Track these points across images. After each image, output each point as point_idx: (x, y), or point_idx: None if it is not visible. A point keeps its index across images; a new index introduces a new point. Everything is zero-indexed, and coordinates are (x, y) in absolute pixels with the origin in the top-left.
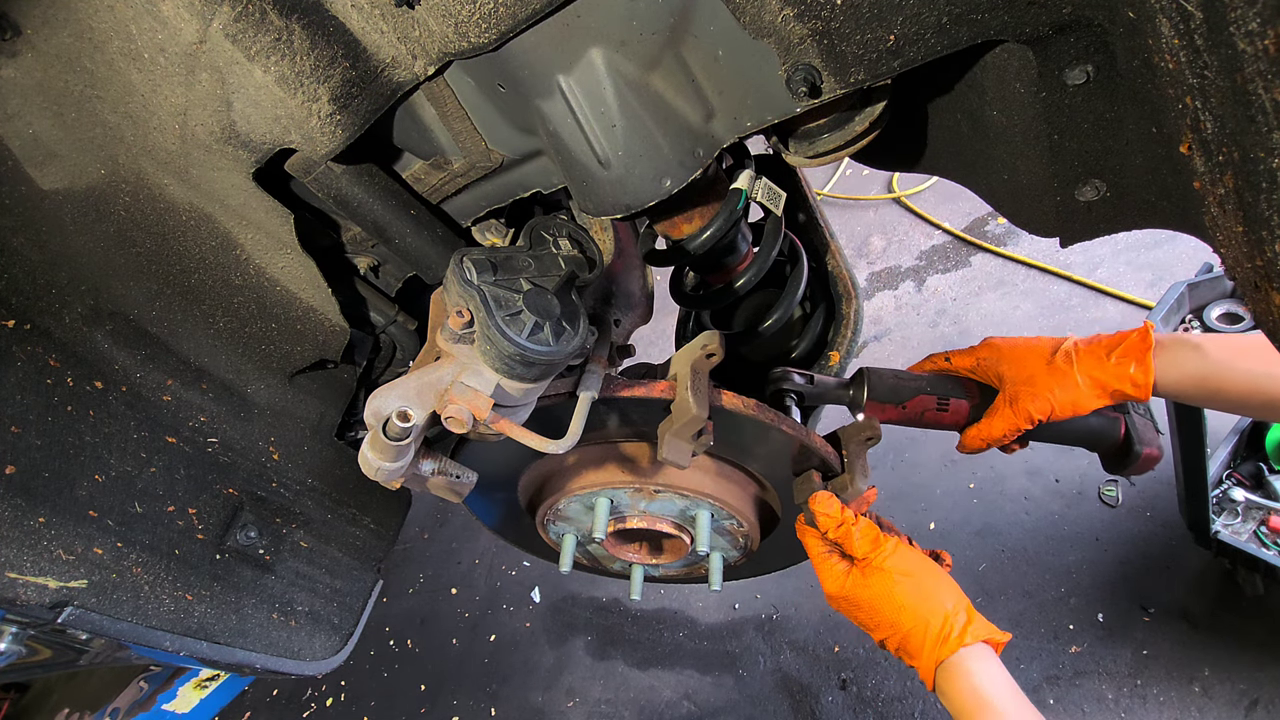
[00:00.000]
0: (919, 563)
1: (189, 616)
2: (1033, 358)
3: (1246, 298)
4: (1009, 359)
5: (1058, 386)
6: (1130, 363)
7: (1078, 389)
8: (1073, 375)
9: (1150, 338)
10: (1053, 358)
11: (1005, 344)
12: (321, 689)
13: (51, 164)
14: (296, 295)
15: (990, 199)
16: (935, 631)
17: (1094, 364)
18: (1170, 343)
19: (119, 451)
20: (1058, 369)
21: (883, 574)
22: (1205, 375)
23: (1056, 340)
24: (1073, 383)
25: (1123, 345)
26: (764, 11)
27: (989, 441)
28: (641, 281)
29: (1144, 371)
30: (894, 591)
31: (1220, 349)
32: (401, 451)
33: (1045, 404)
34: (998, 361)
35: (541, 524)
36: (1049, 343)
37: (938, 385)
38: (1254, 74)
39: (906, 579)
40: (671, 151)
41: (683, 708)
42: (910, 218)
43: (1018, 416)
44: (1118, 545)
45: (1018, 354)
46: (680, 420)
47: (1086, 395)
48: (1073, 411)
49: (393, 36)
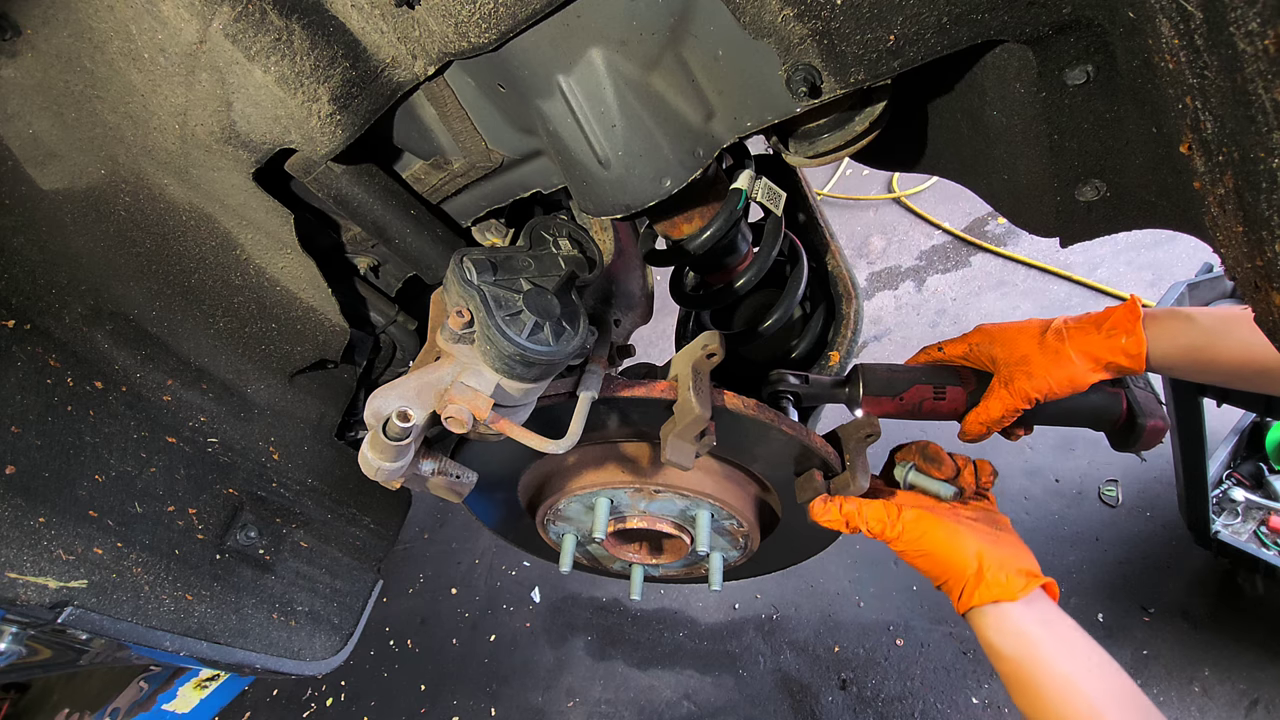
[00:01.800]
0: (930, 530)
1: (189, 616)
2: (1024, 338)
3: (1246, 298)
4: (1000, 342)
5: (1051, 364)
6: (1121, 334)
7: (1071, 364)
8: (1065, 351)
9: (1138, 309)
10: (1044, 336)
11: (996, 328)
12: (321, 689)
13: (51, 164)
14: (296, 295)
15: (990, 199)
16: (958, 590)
17: (1084, 338)
18: (1161, 314)
19: (119, 451)
20: (1049, 346)
21: (901, 546)
22: (1198, 345)
23: (1046, 321)
24: (1066, 358)
25: (1111, 318)
26: (764, 11)
27: (988, 424)
28: (641, 281)
29: (1136, 342)
30: (915, 562)
31: (1212, 318)
32: (401, 451)
33: (1041, 382)
34: (990, 345)
35: (541, 524)
36: (1039, 323)
37: (933, 375)
38: (1254, 74)
39: (921, 556)
40: (671, 151)
41: (683, 708)
42: (910, 218)
43: (1014, 396)
44: (1118, 545)
45: (1009, 336)
46: (683, 421)
47: (1081, 370)
48: (1070, 388)
49: (393, 36)
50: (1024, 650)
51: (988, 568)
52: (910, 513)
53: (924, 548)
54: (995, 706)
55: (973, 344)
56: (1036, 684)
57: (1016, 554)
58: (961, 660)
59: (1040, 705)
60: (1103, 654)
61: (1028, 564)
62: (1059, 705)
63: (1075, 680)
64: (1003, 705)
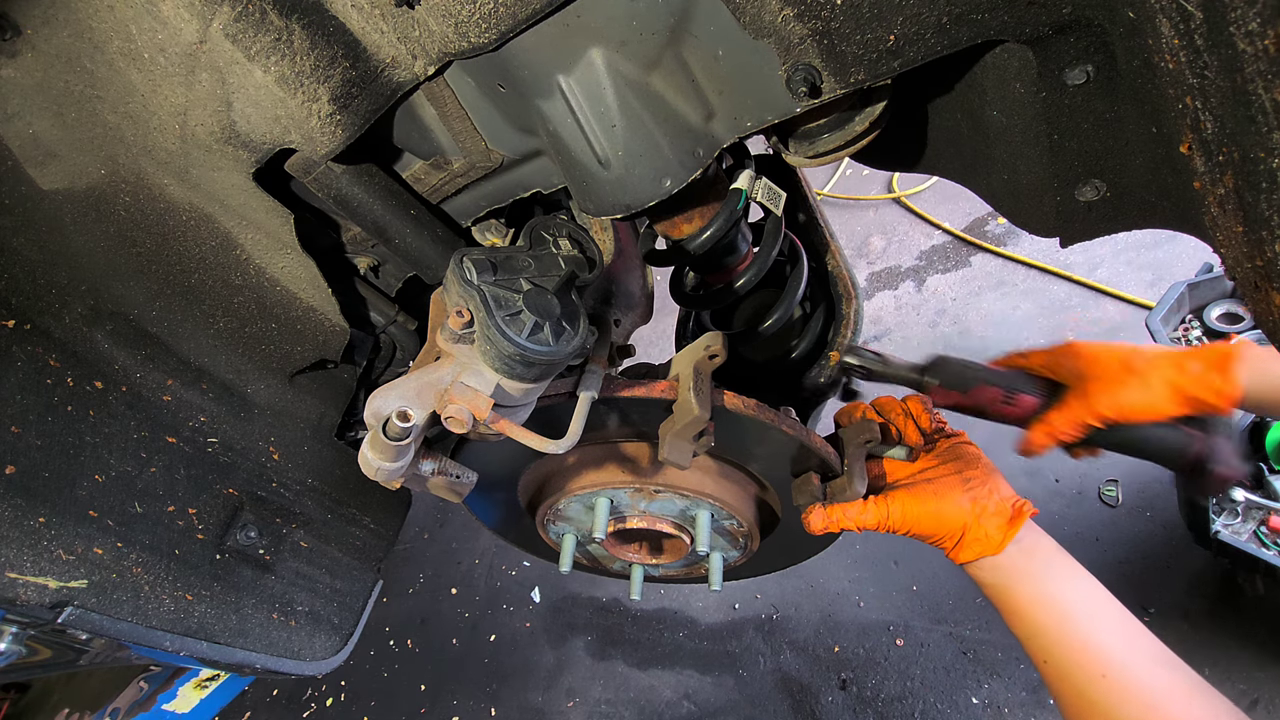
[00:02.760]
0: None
1: (189, 616)
2: (1109, 357)
3: (1246, 298)
4: (1086, 358)
5: (1131, 386)
6: (1213, 370)
7: (1152, 391)
8: (1150, 377)
9: (1241, 350)
10: (1131, 358)
11: (1085, 345)
12: (321, 689)
13: (51, 164)
14: (296, 295)
15: (990, 199)
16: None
17: (1173, 368)
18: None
19: (119, 451)
20: (1134, 369)
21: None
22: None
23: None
24: (1148, 384)
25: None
26: (764, 11)
27: (1053, 435)
28: (641, 281)
29: (1228, 381)
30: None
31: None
32: (401, 451)
33: (1115, 401)
34: (1074, 359)
35: (541, 524)
36: (1130, 347)
37: (1007, 379)
38: (1254, 74)
39: (909, 532)
40: (671, 151)
41: (683, 708)
42: (910, 218)
43: (1084, 411)
44: (1118, 545)
45: (1095, 352)
46: (682, 421)
47: (1161, 398)
48: (1145, 414)
49: (393, 36)
50: (1008, 581)
51: (969, 531)
52: (896, 505)
53: (916, 530)
54: (995, 706)
55: (1056, 354)
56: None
57: (993, 501)
58: (961, 660)
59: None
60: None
61: (1006, 507)
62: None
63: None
64: (1003, 705)
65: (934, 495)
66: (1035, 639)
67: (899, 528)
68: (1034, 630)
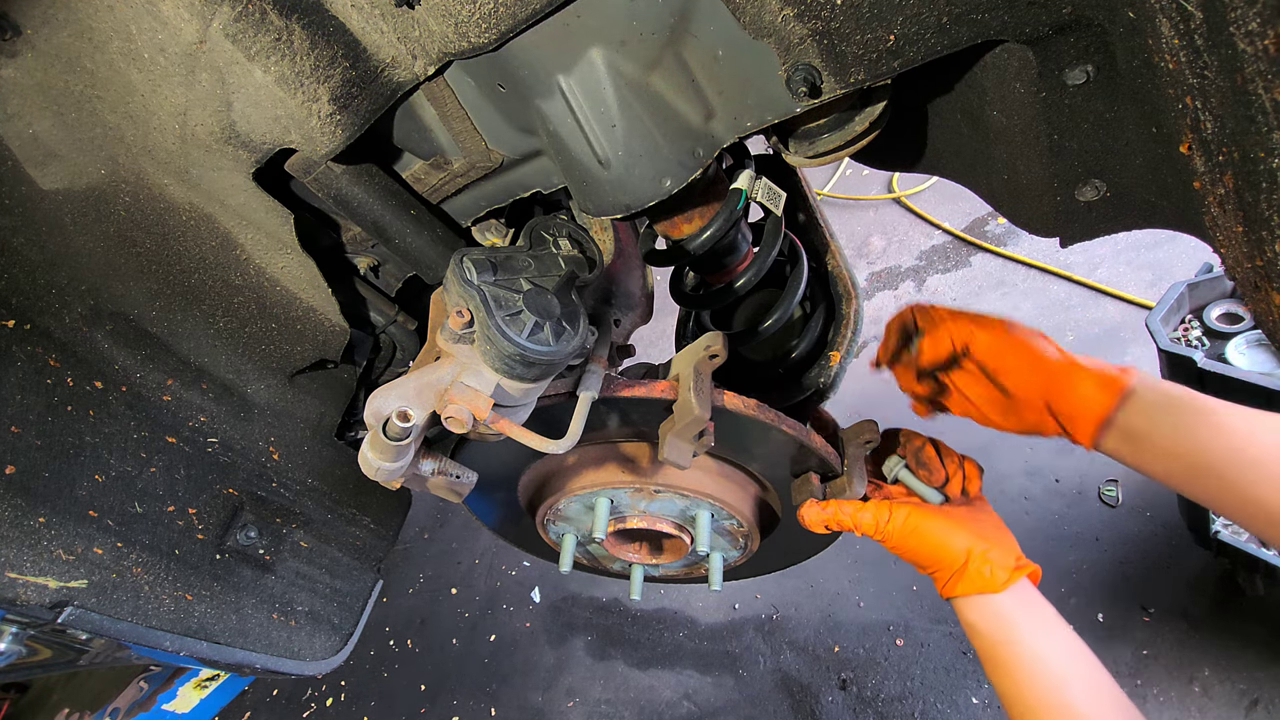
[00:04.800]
0: (919, 527)
1: (189, 616)
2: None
3: (1246, 298)
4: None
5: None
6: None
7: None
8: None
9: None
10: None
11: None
12: (321, 689)
13: (51, 164)
14: (296, 295)
15: (990, 199)
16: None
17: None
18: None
19: (119, 451)
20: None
21: (891, 544)
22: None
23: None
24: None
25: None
26: (764, 11)
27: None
28: (641, 281)
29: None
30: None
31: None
32: (401, 451)
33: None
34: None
35: (541, 524)
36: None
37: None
38: (1254, 74)
39: (909, 552)
40: (671, 151)
41: (683, 708)
42: (910, 218)
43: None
44: (1118, 545)
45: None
46: (682, 421)
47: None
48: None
49: (393, 36)
50: (1000, 631)
51: (973, 562)
52: (900, 512)
53: (913, 545)
54: (995, 707)
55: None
56: (1010, 661)
57: (1002, 547)
58: (961, 660)
59: (1012, 681)
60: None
61: (1012, 558)
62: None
63: (1046, 659)
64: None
65: (944, 517)
66: (1018, 705)
67: (895, 538)
68: (1018, 696)
